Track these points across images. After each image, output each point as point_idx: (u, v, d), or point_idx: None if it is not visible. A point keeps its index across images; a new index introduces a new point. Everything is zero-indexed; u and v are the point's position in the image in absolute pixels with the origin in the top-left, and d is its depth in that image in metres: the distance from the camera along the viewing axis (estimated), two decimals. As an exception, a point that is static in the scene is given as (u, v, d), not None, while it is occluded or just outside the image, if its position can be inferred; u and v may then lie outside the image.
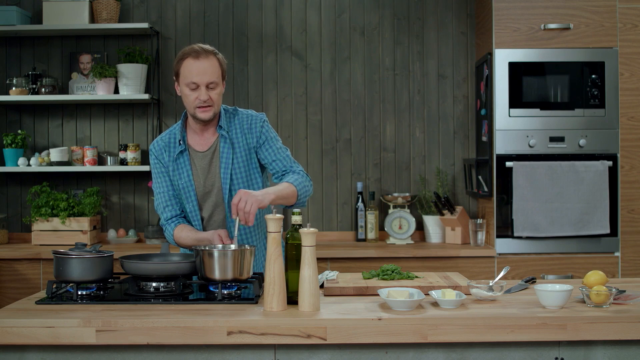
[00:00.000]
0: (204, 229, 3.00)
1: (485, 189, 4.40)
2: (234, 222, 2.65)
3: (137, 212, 4.87)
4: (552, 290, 2.36)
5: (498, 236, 4.30)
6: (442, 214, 4.58)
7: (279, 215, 2.37)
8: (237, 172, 2.95)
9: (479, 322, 2.22)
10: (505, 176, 4.27)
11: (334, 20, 4.87)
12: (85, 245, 2.66)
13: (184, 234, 2.94)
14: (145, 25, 4.62)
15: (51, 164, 4.67)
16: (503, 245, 4.28)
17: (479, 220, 4.40)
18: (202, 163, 2.97)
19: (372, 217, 4.67)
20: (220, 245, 2.64)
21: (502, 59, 4.29)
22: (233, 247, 2.61)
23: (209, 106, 2.86)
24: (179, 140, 2.96)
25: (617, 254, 4.29)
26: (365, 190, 4.83)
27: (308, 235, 2.32)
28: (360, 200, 4.72)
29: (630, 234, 4.31)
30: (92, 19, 4.71)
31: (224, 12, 4.87)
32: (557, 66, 4.29)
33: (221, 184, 2.94)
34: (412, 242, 4.63)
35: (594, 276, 2.51)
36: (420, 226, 4.74)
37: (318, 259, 4.11)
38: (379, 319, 2.21)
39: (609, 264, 4.26)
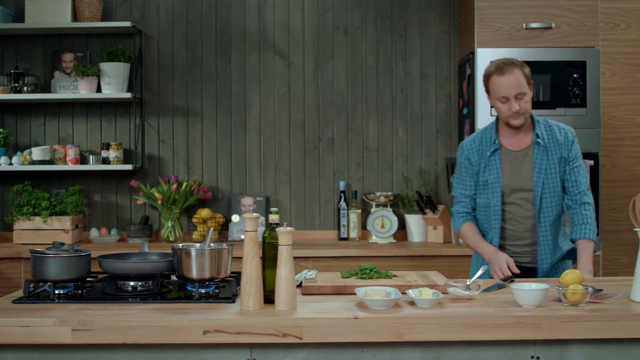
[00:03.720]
0: (502, 222, 3.20)
1: (468, 188, 4.41)
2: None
3: (119, 211, 4.86)
4: (528, 289, 2.37)
5: (480, 235, 4.31)
6: (424, 213, 4.59)
7: (255, 215, 2.37)
8: (548, 180, 3.16)
9: (455, 321, 2.22)
10: (487, 175, 4.28)
11: (317, 20, 4.87)
12: (63, 244, 2.64)
13: (470, 232, 3.27)
14: (127, 23, 4.60)
15: (33, 162, 4.65)
16: (485, 244, 4.28)
17: (461, 219, 4.40)
18: (513, 163, 3.19)
19: (354, 216, 4.67)
20: (198, 245, 2.64)
21: (485, 58, 4.29)
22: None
23: (521, 114, 3.11)
24: (494, 140, 3.19)
25: (598, 252, 4.30)
26: (348, 189, 4.83)
27: (284, 234, 2.32)
28: (342, 199, 4.72)
29: (611, 233, 4.33)
30: (75, 18, 4.70)
31: (207, 11, 4.86)
32: (539, 65, 4.30)
33: (533, 187, 3.15)
34: (395, 241, 4.64)
35: (570, 275, 2.52)
36: (402, 225, 4.75)
37: (300, 258, 4.15)
38: (355, 318, 2.21)
39: (590, 263, 4.27)
